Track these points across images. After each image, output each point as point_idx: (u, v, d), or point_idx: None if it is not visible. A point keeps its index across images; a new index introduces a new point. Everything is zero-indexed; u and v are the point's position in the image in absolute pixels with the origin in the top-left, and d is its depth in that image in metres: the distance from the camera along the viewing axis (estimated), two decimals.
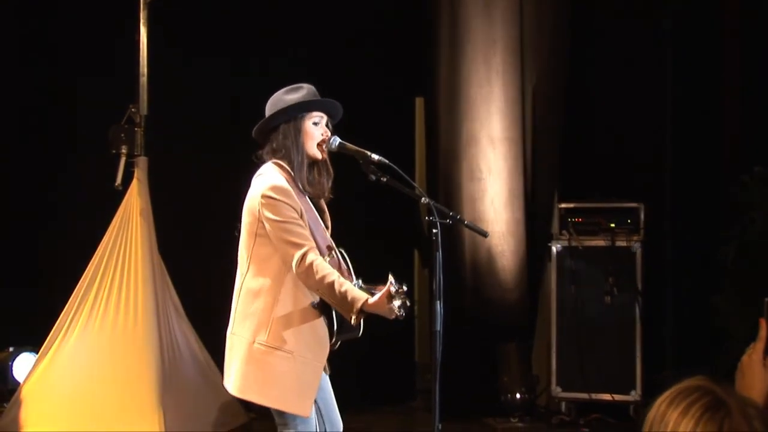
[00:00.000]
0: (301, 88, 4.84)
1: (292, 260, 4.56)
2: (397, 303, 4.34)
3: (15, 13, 9.57)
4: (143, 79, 8.11)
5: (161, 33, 8.24)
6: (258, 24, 9.19)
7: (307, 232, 4.64)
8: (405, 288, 4.37)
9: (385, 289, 4.40)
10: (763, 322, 2.40)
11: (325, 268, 4.56)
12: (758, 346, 2.40)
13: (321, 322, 4.74)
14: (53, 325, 8.00)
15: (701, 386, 1.75)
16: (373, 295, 4.51)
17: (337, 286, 4.51)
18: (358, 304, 4.48)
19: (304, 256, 4.54)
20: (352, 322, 4.58)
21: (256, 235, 4.69)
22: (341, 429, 4.99)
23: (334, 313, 4.70)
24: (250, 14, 9.20)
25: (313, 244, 4.62)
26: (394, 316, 4.44)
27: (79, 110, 9.24)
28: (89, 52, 9.23)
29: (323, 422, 4.86)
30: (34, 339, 8.30)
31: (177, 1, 8.54)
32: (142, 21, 8.10)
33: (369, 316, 4.62)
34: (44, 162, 9.50)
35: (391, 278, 4.37)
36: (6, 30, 9.55)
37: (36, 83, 9.48)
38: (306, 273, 4.54)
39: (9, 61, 9.52)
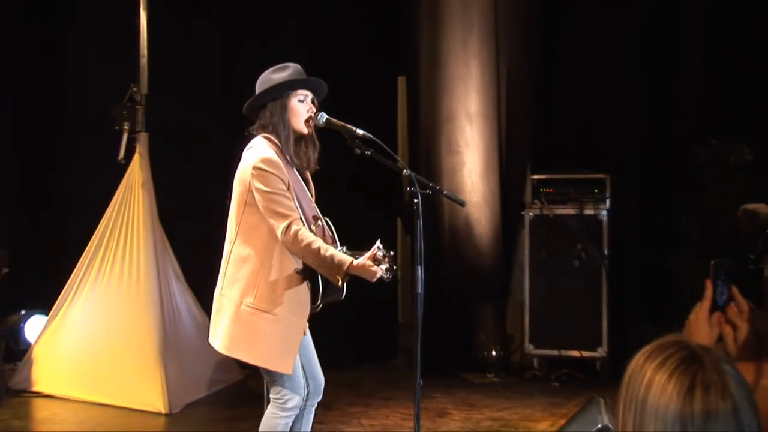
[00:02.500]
0: (287, 67, 4.80)
1: (278, 229, 4.56)
2: (384, 267, 4.40)
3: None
4: (143, 60, 8.09)
5: (160, 15, 8.22)
6: (251, 7, 9.17)
7: (293, 204, 4.63)
8: (392, 253, 4.43)
9: (370, 252, 4.43)
10: (708, 284, 2.41)
11: (309, 235, 4.57)
12: (704, 305, 2.41)
13: (304, 287, 4.74)
14: (62, 290, 8.05)
15: (679, 342, 1.76)
16: (356, 259, 4.53)
17: (322, 251, 4.52)
18: (344, 266, 4.49)
19: (289, 226, 4.54)
20: (339, 283, 4.60)
21: (245, 204, 4.67)
22: (323, 384, 5.01)
23: (319, 277, 4.72)
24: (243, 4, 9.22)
25: (298, 215, 4.61)
26: (376, 279, 4.47)
27: (85, 88, 9.21)
28: (92, 34, 9.22)
29: (306, 378, 4.88)
30: (44, 302, 8.32)
31: None
32: (142, 5, 8.08)
33: (354, 279, 4.64)
34: (51, 139, 9.53)
35: (378, 243, 4.42)
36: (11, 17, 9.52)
37: (41, 60, 9.48)
38: (291, 241, 4.54)
39: (12, 43, 9.50)
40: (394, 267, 4.45)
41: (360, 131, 4.68)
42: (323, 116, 4.77)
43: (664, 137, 8.87)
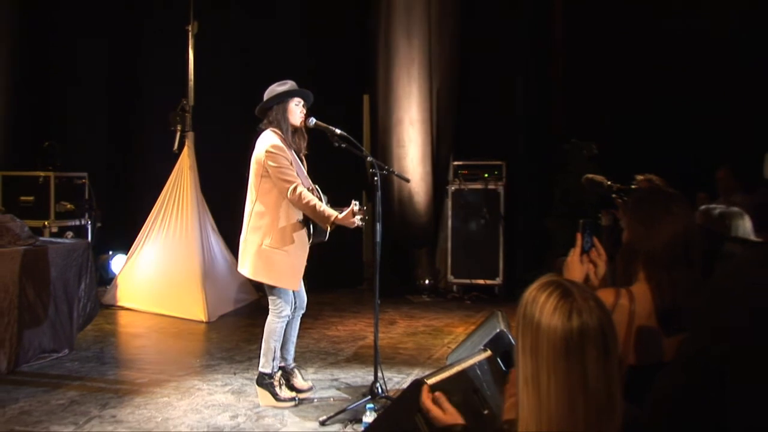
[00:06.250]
0: (286, 82, 4.80)
1: (287, 191, 4.56)
2: (358, 217, 4.46)
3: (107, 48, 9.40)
4: (191, 83, 8.00)
5: (202, 52, 8.12)
6: (260, 52, 9.07)
7: (295, 174, 4.63)
8: (365, 208, 4.49)
9: (349, 208, 4.46)
10: (578, 236, 2.41)
11: (309, 195, 4.58)
12: (576, 251, 2.41)
13: (304, 231, 4.73)
14: (136, 237, 7.99)
15: (555, 281, 1.74)
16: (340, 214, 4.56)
17: (318, 207, 4.54)
18: (332, 218, 4.53)
19: (295, 188, 4.55)
20: (328, 230, 4.66)
21: (261, 176, 4.65)
22: (306, 300, 4.98)
23: (311, 224, 4.70)
24: (257, 45, 9.10)
25: (300, 181, 4.61)
26: (354, 226, 4.52)
27: (152, 100, 9.12)
28: (157, 64, 9.11)
29: (294, 295, 4.87)
30: (125, 245, 8.26)
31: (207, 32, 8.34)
32: (190, 46, 7.98)
33: (337, 228, 4.67)
34: (127, 137, 9.46)
35: (354, 201, 4.46)
36: (99, 60, 9.38)
37: (123, 82, 9.36)
38: (297, 198, 4.54)
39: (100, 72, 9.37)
40: (365, 217, 4.51)
41: (338, 131, 4.66)
42: (312, 120, 4.76)
43: (542, 137, 8.93)
